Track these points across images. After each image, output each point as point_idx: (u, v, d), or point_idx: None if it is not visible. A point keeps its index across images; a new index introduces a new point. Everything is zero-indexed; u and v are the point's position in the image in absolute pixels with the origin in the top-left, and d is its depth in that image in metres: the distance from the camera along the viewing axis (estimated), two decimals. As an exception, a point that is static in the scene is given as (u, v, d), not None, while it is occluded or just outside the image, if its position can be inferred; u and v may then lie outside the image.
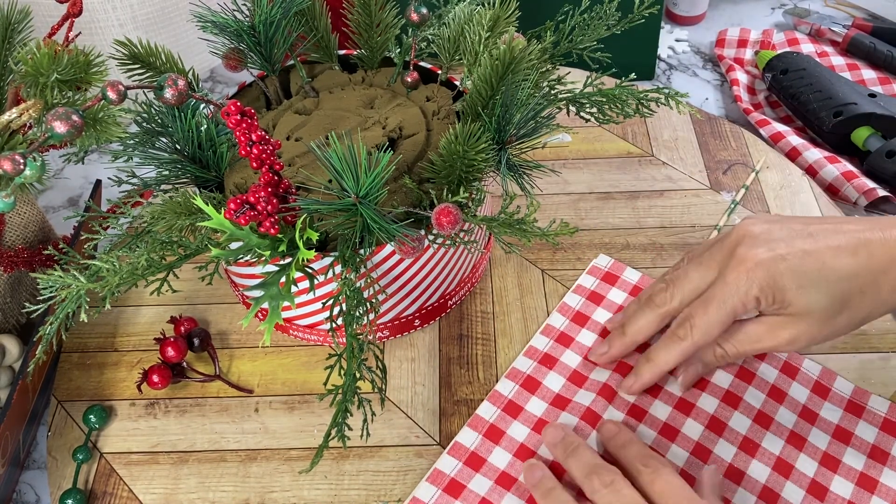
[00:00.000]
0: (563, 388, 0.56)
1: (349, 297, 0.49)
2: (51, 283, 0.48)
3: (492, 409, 0.55)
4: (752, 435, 0.52)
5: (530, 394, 0.55)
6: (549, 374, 0.56)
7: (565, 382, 0.56)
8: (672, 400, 0.54)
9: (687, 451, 0.52)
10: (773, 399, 0.54)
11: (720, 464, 0.51)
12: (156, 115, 0.54)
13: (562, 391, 0.55)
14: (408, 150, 0.56)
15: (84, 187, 0.79)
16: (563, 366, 0.57)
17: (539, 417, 0.54)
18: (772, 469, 0.51)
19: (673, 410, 0.53)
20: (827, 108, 0.74)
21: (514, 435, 0.53)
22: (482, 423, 0.54)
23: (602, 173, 0.73)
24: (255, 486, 0.54)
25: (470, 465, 0.52)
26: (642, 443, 0.49)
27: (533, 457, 0.52)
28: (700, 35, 0.92)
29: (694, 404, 0.54)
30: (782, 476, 0.51)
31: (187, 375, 0.60)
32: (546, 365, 0.57)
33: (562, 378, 0.56)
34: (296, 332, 0.61)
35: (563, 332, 0.59)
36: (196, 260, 0.57)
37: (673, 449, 0.52)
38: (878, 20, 0.89)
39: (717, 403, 0.54)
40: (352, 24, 0.61)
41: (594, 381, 0.55)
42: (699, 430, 0.53)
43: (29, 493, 0.56)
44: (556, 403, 0.55)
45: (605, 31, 0.60)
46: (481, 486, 0.51)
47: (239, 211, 0.44)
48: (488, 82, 0.51)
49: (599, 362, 0.56)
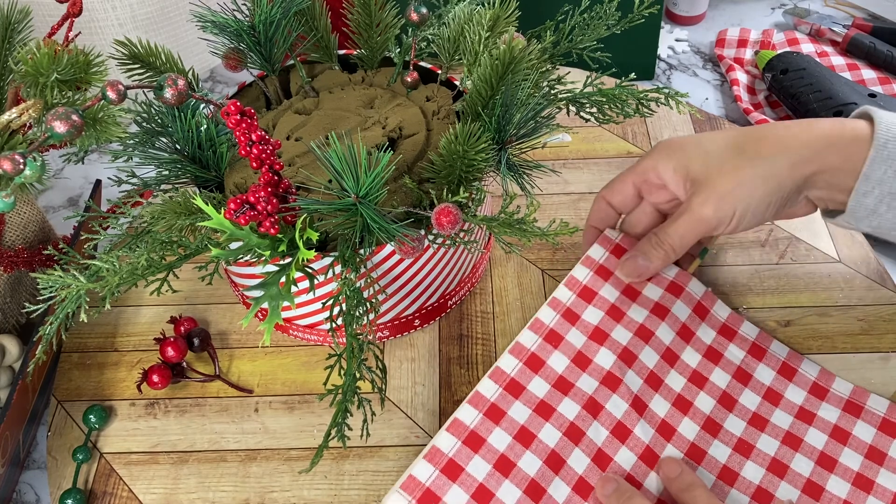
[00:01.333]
0: (567, 370, 0.53)
1: (349, 297, 0.49)
2: (51, 283, 0.48)
3: (493, 387, 0.52)
4: (747, 436, 0.52)
5: (533, 373, 0.53)
6: (553, 353, 0.54)
7: (569, 364, 0.53)
8: (671, 396, 0.54)
9: (681, 452, 0.51)
10: (769, 401, 0.54)
11: (714, 465, 0.51)
12: (156, 115, 0.54)
13: (565, 373, 0.53)
14: (408, 150, 0.56)
15: (84, 187, 0.79)
16: (568, 345, 0.54)
17: (541, 399, 0.52)
18: (766, 470, 0.51)
19: (672, 408, 0.53)
20: (827, 108, 0.74)
21: (515, 416, 0.51)
22: (483, 402, 0.51)
23: (602, 173, 0.73)
24: (254, 486, 0.54)
25: (469, 444, 0.49)
26: (705, 487, 0.48)
27: (533, 442, 0.50)
28: (700, 35, 0.92)
29: (692, 403, 0.53)
30: (777, 476, 0.51)
31: (187, 375, 0.60)
32: (551, 342, 0.54)
33: (566, 359, 0.54)
34: (296, 332, 0.61)
35: (569, 307, 0.56)
36: (196, 260, 0.57)
37: (668, 449, 0.51)
38: (878, 20, 0.89)
39: (714, 404, 0.54)
40: (352, 24, 0.61)
41: (598, 366, 0.53)
42: (695, 430, 0.52)
43: (29, 493, 0.56)
44: (559, 386, 0.52)
45: (605, 31, 0.60)
46: (480, 469, 0.48)
47: (239, 211, 0.44)
48: (488, 82, 0.51)
49: (639, 278, 0.56)
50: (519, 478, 0.48)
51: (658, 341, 0.55)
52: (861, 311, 0.61)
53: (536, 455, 0.49)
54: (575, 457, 0.50)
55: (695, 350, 0.56)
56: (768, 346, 0.57)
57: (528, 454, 0.49)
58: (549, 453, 0.49)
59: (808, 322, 0.61)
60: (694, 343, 0.56)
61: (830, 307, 0.62)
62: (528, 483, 0.48)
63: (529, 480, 0.48)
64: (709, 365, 0.56)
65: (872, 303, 0.62)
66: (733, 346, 0.57)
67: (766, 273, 0.64)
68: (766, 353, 0.57)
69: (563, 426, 0.51)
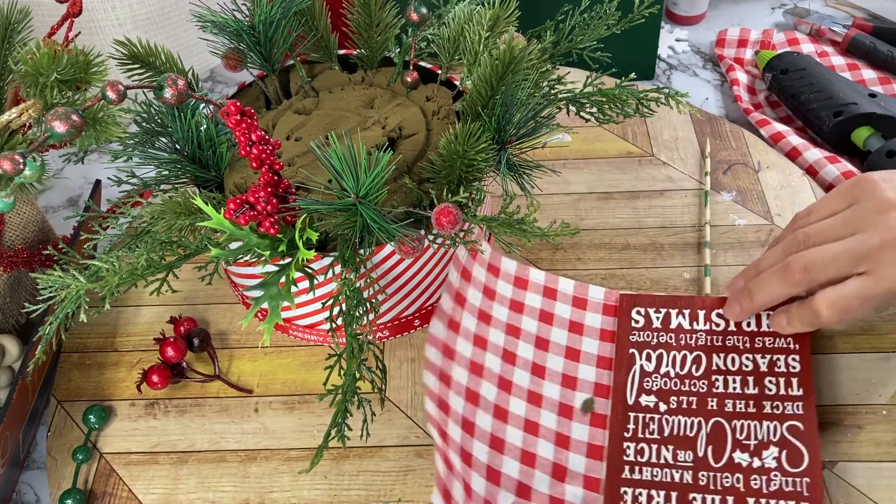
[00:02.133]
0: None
1: (349, 297, 0.49)
2: (50, 283, 0.48)
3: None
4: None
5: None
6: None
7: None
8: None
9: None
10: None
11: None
12: (155, 115, 0.54)
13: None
14: (408, 150, 0.56)
15: (84, 187, 0.79)
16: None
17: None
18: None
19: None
20: (827, 108, 0.74)
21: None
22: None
23: (602, 173, 0.73)
24: (254, 486, 0.54)
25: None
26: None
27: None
28: (700, 35, 0.92)
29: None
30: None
31: (187, 375, 0.60)
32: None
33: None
34: (295, 332, 0.61)
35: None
36: (196, 260, 0.57)
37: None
38: (878, 20, 0.89)
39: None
40: (352, 23, 0.61)
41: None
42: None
43: (29, 493, 0.56)
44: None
45: (605, 31, 0.60)
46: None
47: (239, 211, 0.44)
48: (488, 82, 0.51)
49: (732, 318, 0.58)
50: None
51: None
52: (861, 311, 0.61)
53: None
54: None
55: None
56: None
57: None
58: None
59: (809, 322, 0.61)
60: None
61: (830, 307, 0.62)
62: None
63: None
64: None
65: (872, 303, 0.62)
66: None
67: (767, 273, 0.64)
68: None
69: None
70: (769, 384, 0.55)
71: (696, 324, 0.58)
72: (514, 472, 0.52)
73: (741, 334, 0.57)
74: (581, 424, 0.54)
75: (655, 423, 0.54)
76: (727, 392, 0.55)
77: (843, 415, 0.55)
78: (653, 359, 0.57)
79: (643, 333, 0.58)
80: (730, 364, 0.56)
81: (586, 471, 0.52)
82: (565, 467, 0.53)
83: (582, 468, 0.52)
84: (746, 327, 0.58)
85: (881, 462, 0.53)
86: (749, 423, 0.53)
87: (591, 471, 0.52)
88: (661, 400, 0.55)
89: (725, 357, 0.57)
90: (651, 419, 0.54)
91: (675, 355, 0.57)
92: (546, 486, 0.52)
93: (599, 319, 0.60)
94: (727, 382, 0.55)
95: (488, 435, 0.54)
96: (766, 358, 0.56)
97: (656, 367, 0.56)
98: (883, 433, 0.54)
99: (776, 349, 0.56)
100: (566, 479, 0.52)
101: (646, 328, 0.58)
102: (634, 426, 0.54)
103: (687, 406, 0.54)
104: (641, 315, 0.59)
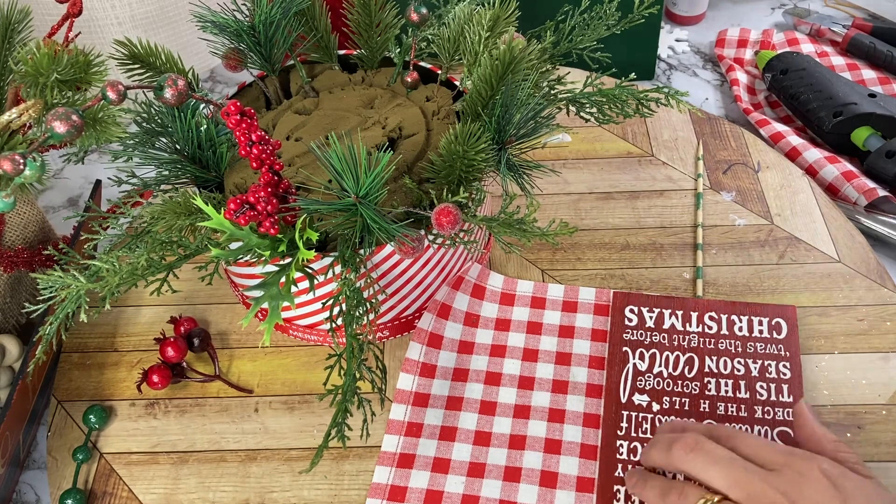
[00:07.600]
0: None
1: (349, 297, 0.49)
2: (51, 283, 0.48)
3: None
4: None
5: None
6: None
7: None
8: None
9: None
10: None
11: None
12: (156, 115, 0.54)
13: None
14: (408, 150, 0.56)
15: (84, 187, 0.79)
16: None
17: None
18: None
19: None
20: (827, 108, 0.74)
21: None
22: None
23: (602, 173, 0.73)
24: (254, 486, 0.54)
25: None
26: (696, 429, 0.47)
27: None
28: (700, 35, 0.92)
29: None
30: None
31: (187, 375, 0.60)
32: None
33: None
34: (296, 333, 0.61)
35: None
36: (196, 260, 0.57)
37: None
38: (878, 20, 0.89)
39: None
40: (352, 24, 0.61)
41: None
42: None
43: (29, 493, 0.56)
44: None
45: (605, 31, 0.60)
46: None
47: (239, 211, 0.44)
48: (488, 82, 0.51)
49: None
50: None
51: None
52: (861, 311, 0.61)
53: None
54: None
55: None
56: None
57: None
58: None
59: (809, 322, 0.61)
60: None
61: (830, 307, 0.62)
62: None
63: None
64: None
65: (872, 303, 0.62)
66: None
67: (766, 273, 0.64)
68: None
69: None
70: (760, 389, 0.55)
71: (689, 325, 0.58)
72: (495, 492, 0.52)
73: (733, 338, 0.57)
74: (574, 426, 0.54)
75: (648, 422, 0.54)
76: (719, 395, 0.55)
77: (843, 415, 0.55)
78: (646, 358, 0.57)
79: (636, 332, 0.58)
80: (722, 367, 0.56)
81: (579, 472, 0.52)
82: (556, 473, 0.52)
83: (575, 470, 0.52)
84: (738, 332, 0.58)
85: (881, 462, 0.53)
86: (740, 427, 0.53)
87: (585, 472, 0.52)
88: (653, 399, 0.55)
89: (718, 360, 0.57)
90: (644, 418, 0.54)
91: (668, 356, 0.57)
92: (534, 496, 0.51)
93: (591, 320, 0.60)
94: (719, 385, 0.55)
95: (466, 465, 0.53)
96: (757, 363, 0.56)
97: (649, 367, 0.56)
98: (883, 433, 0.54)
99: (767, 355, 0.57)
100: (557, 486, 0.52)
101: (639, 327, 0.59)
102: (627, 425, 0.54)
103: (679, 407, 0.54)
104: (635, 314, 0.59)
